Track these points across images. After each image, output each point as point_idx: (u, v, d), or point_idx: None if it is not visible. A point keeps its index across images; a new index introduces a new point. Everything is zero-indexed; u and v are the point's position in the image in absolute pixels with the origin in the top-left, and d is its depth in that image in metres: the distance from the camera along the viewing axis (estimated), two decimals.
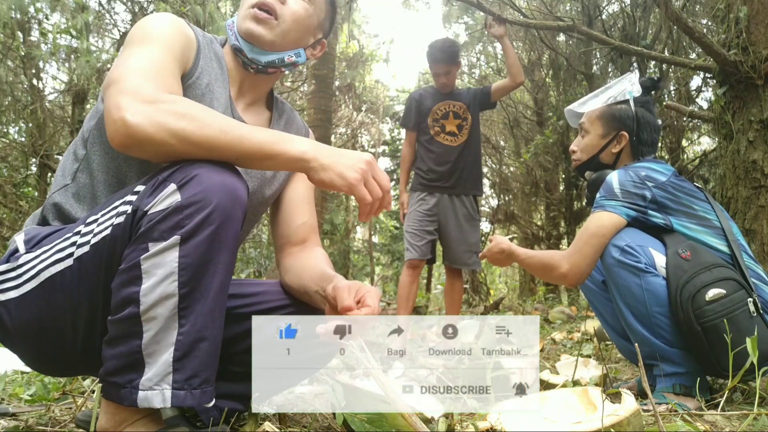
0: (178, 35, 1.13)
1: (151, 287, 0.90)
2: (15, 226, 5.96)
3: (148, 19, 1.14)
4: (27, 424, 1.31)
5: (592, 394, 1.17)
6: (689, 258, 1.54)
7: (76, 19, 4.84)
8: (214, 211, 0.92)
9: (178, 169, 0.94)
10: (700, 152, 6.90)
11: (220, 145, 0.95)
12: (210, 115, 0.96)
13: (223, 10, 6.64)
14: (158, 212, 0.91)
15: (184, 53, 1.14)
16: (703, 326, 1.46)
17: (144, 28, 1.11)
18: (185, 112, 0.94)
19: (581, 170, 1.94)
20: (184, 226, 0.91)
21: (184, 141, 0.93)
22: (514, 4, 5.29)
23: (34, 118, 5.82)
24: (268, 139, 0.97)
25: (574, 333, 3.66)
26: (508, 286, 13.24)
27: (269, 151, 0.97)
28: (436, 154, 3.32)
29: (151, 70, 1.02)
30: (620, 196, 1.65)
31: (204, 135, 0.94)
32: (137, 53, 1.05)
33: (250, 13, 1.22)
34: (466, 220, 3.34)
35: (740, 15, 3.17)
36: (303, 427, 1.32)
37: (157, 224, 0.91)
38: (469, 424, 1.21)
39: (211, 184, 0.93)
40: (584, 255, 1.67)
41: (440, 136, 3.35)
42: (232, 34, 1.26)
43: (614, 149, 1.84)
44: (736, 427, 1.29)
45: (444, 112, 3.37)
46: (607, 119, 1.84)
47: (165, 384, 0.90)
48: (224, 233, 0.94)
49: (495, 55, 8.78)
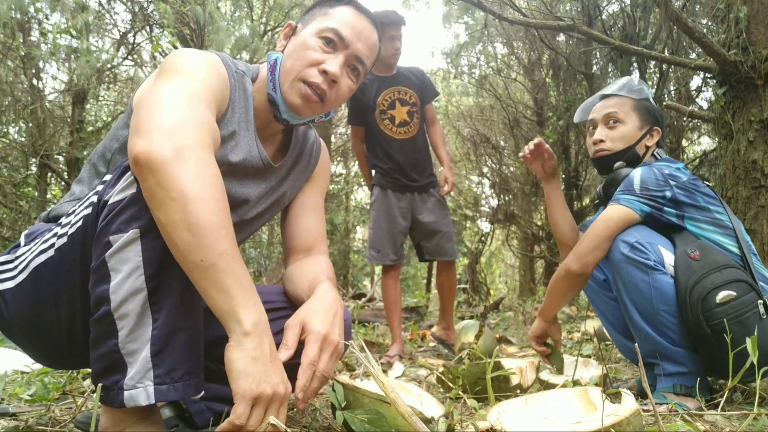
0: (216, 77, 1.08)
1: (118, 284, 0.89)
2: (15, 226, 5.96)
3: (186, 56, 1.08)
4: (27, 424, 1.31)
5: (592, 394, 1.17)
6: (698, 258, 1.53)
7: (76, 19, 4.84)
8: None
9: None
10: (700, 152, 6.90)
11: (200, 243, 0.86)
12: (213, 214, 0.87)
13: (223, 10, 6.64)
14: (116, 203, 0.91)
15: (218, 89, 1.08)
16: (713, 329, 1.45)
17: (182, 64, 1.05)
18: (198, 196, 0.86)
19: (610, 161, 1.84)
20: (140, 218, 0.89)
21: (178, 211, 0.85)
22: (514, 4, 5.29)
23: (34, 118, 5.82)
24: (233, 291, 0.88)
25: (574, 333, 3.66)
26: (508, 286, 13.24)
27: (224, 295, 0.88)
28: (394, 154, 3.08)
29: (194, 102, 0.96)
30: (638, 192, 1.64)
31: (196, 221, 0.85)
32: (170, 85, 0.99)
33: (301, 91, 1.17)
34: (439, 207, 3.15)
35: (740, 15, 3.17)
36: (303, 427, 1.32)
37: (115, 216, 0.90)
38: (469, 424, 1.21)
39: None
40: (587, 243, 1.67)
41: (392, 130, 3.09)
42: (271, 84, 1.21)
43: (648, 143, 1.84)
44: (736, 427, 1.29)
45: (390, 101, 3.09)
46: (644, 112, 1.84)
47: (147, 380, 0.89)
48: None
49: (495, 55, 8.78)
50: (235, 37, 5.93)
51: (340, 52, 1.20)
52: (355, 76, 1.25)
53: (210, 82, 1.05)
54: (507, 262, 14.71)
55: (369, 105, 3.08)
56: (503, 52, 8.73)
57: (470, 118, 8.81)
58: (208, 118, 0.96)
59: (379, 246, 3.10)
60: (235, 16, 6.84)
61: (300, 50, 1.19)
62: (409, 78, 3.16)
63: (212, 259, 0.86)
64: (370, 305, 6.03)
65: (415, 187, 3.13)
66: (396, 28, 3.04)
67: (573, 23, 3.86)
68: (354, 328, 4.05)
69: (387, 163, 3.10)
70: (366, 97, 3.09)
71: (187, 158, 0.86)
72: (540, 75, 7.94)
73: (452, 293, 3.27)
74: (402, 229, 3.11)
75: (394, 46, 3.05)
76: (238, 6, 6.47)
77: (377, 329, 4.33)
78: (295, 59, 1.19)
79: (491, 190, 9.29)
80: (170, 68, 1.03)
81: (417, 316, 5.54)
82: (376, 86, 3.10)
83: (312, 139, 1.42)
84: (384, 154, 3.11)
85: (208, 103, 1.00)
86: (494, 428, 1.09)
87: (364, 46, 1.22)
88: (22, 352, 1.13)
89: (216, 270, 0.86)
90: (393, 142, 3.09)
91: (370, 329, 4.28)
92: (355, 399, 1.17)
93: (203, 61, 1.08)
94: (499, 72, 8.52)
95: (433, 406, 1.27)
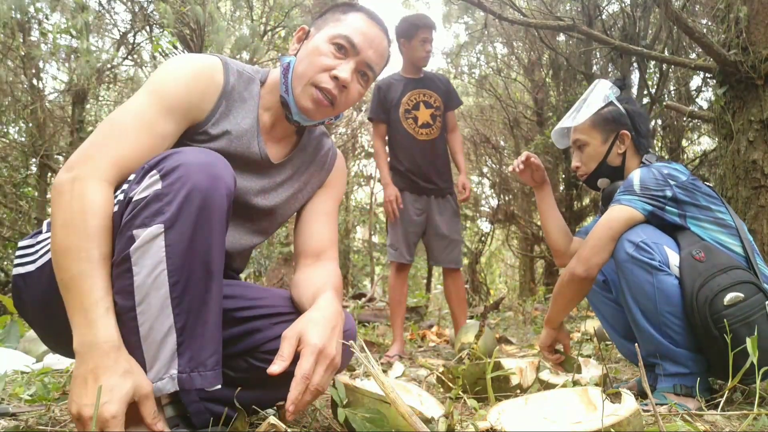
0: (186, 87, 1.13)
1: (142, 279, 0.92)
2: (15, 226, 5.96)
3: (169, 65, 1.15)
4: (27, 424, 1.31)
5: (592, 394, 1.17)
6: (703, 259, 1.52)
7: (76, 19, 4.83)
8: (191, 192, 0.93)
9: (165, 158, 0.97)
10: (700, 152, 6.90)
11: (58, 266, 0.95)
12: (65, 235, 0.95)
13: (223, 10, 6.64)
14: (141, 199, 0.94)
15: (192, 105, 1.14)
16: (721, 331, 1.44)
17: (157, 74, 1.14)
18: (64, 220, 0.95)
19: (591, 181, 1.91)
20: (165, 213, 0.92)
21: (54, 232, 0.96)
22: (514, 4, 5.29)
23: (34, 118, 5.81)
24: (74, 310, 0.93)
25: (574, 333, 3.66)
26: (508, 286, 13.23)
27: (69, 311, 0.94)
28: (413, 152, 3.12)
29: (121, 130, 1.05)
30: (638, 192, 1.64)
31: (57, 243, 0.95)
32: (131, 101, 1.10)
33: (313, 95, 1.21)
34: (453, 215, 3.19)
35: (740, 15, 3.17)
36: (303, 427, 1.32)
37: (140, 211, 0.93)
38: (469, 424, 1.21)
39: (189, 169, 0.95)
40: (592, 246, 1.66)
41: (415, 130, 3.13)
42: (284, 87, 1.24)
43: (619, 150, 1.84)
44: (736, 427, 1.29)
45: (415, 102, 3.13)
46: (602, 124, 1.85)
47: (172, 369, 0.94)
48: (208, 215, 0.95)
49: (495, 55, 8.78)
50: (235, 37, 5.93)
51: (351, 58, 1.23)
52: (365, 81, 1.28)
53: (175, 93, 1.11)
54: (507, 262, 14.70)
55: (394, 103, 3.14)
56: (503, 52, 8.73)
57: (470, 118, 8.81)
58: (122, 148, 1.04)
59: (396, 244, 3.15)
60: (235, 16, 6.84)
61: (312, 55, 1.22)
62: (436, 83, 3.22)
63: (66, 279, 0.94)
64: (370, 305, 6.03)
65: (432, 190, 3.17)
66: (428, 31, 3.11)
67: (573, 23, 3.86)
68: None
69: (405, 164, 3.14)
70: (391, 95, 3.15)
71: (73, 190, 0.97)
72: (540, 75, 7.94)
73: (461, 301, 3.23)
74: (415, 229, 3.15)
75: (425, 48, 3.12)
76: (238, 6, 6.47)
77: (377, 329, 4.33)
78: (308, 64, 1.22)
79: (491, 190, 9.28)
80: (147, 81, 1.14)
81: (417, 316, 5.54)
82: (402, 86, 3.16)
83: (328, 146, 1.44)
84: (404, 154, 3.14)
85: (156, 119, 1.08)
86: (494, 428, 1.09)
87: (374, 54, 1.26)
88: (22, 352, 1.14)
89: (66, 290, 0.94)
90: (414, 142, 3.13)
91: (370, 329, 4.28)
92: (355, 399, 1.17)
93: (181, 71, 1.13)
94: (499, 72, 8.51)
95: (433, 406, 1.27)
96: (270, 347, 1.23)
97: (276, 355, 1.01)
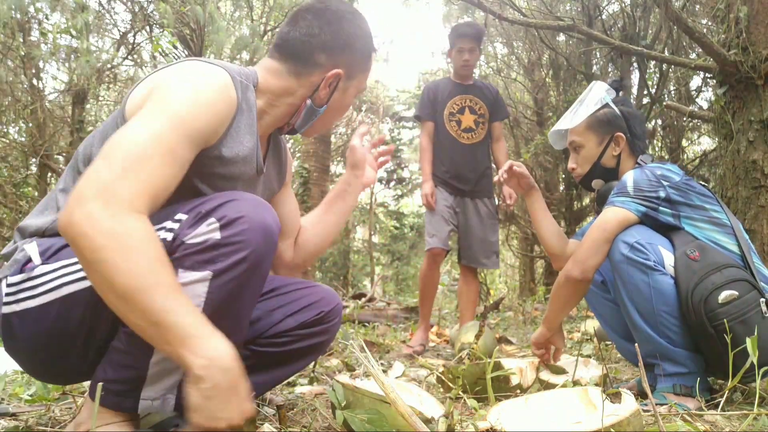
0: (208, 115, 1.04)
1: None
2: (15, 226, 5.96)
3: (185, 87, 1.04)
4: (27, 424, 1.31)
5: (592, 394, 1.17)
6: (698, 258, 1.53)
7: (76, 19, 4.83)
8: (249, 255, 0.96)
9: (223, 205, 0.97)
10: (700, 152, 6.90)
11: (134, 307, 0.86)
12: (148, 270, 0.86)
13: (223, 10, 6.64)
14: (195, 244, 0.95)
15: (212, 131, 1.06)
16: (717, 329, 1.45)
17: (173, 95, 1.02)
18: (124, 258, 0.85)
19: (586, 182, 1.93)
20: (217, 263, 0.94)
21: (101, 277, 0.86)
22: (514, 4, 5.29)
23: (34, 118, 5.81)
24: (175, 342, 0.86)
25: (574, 333, 3.66)
26: (508, 286, 13.23)
27: (169, 347, 0.87)
28: (453, 154, 3.23)
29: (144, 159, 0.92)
30: (632, 193, 1.65)
31: (107, 286, 0.86)
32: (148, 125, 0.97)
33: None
34: (489, 218, 3.28)
35: (740, 15, 3.17)
36: (303, 427, 1.32)
37: (192, 254, 0.94)
38: (469, 424, 1.21)
39: (251, 227, 0.96)
40: (587, 248, 1.67)
41: (457, 133, 3.25)
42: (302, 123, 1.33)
43: (614, 152, 1.86)
44: (736, 427, 1.29)
45: (460, 106, 3.25)
46: (597, 126, 1.86)
47: (170, 395, 0.97)
48: (254, 276, 0.99)
49: (495, 55, 8.78)
50: (235, 37, 5.93)
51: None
52: None
53: (198, 122, 1.01)
54: (507, 262, 14.70)
55: (440, 104, 3.24)
56: (503, 52, 8.73)
57: None
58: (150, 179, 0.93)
59: (433, 231, 3.20)
60: (235, 16, 6.83)
61: (342, 109, 1.35)
62: (483, 92, 3.32)
63: (153, 317, 0.85)
64: (370, 305, 6.03)
65: (468, 192, 3.25)
66: (466, 40, 3.19)
67: (573, 23, 3.86)
68: (354, 329, 4.05)
69: (444, 166, 3.24)
70: (439, 96, 3.26)
71: (118, 227, 0.85)
72: (540, 75, 7.94)
73: (470, 302, 3.28)
74: (450, 220, 3.21)
75: (462, 57, 3.22)
76: (238, 6, 6.47)
77: (377, 329, 4.33)
78: (335, 116, 1.35)
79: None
80: (160, 98, 1.01)
81: (417, 316, 5.54)
82: (449, 89, 3.27)
83: (284, 144, 1.48)
84: (444, 155, 3.24)
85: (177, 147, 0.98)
86: (494, 428, 1.09)
87: None
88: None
89: (157, 326, 0.86)
90: (456, 145, 3.24)
91: (370, 329, 4.28)
92: (355, 399, 1.17)
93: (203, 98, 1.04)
94: (499, 72, 8.51)
95: (433, 406, 1.27)
96: (271, 332, 1.29)
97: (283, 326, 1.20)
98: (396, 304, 6.13)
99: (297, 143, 8.49)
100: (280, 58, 1.25)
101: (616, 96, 1.91)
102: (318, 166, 8.61)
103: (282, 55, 1.25)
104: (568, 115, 1.94)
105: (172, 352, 0.87)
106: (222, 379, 0.87)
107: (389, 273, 13.35)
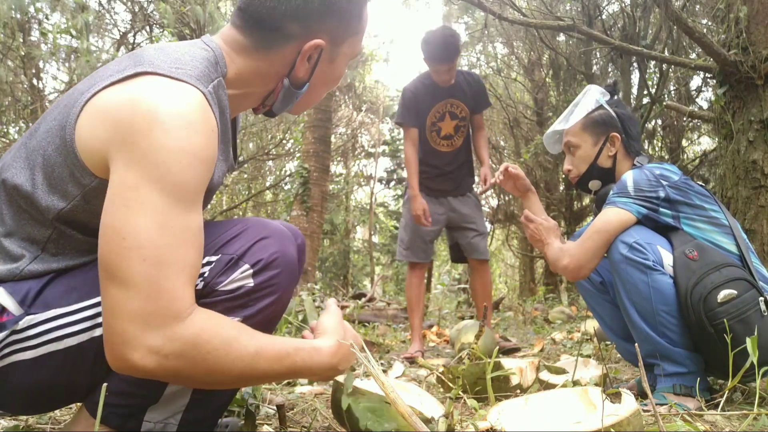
0: (201, 168, 0.85)
1: None
2: None
3: (169, 143, 0.81)
4: (27, 424, 1.31)
5: (592, 394, 1.17)
6: (696, 258, 1.54)
7: (76, 19, 4.83)
8: (280, 296, 0.98)
9: (253, 247, 0.95)
10: (700, 152, 6.90)
11: (238, 383, 0.94)
12: (230, 352, 0.84)
13: (223, 10, 6.64)
14: (228, 291, 0.94)
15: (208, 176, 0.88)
16: (716, 328, 1.45)
17: (160, 160, 0.81)
18: (204, 356, 0.82)
19: (583, 183, 1.93)
20: (248, 308, 0.95)
21: (197, 383, 0.90)
22: (514, 4, 5.29)
23: (34, 118, 5.81)
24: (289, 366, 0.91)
25: (574, 333, 3.66)
26: (508, 286, 13.24)
27: (294, 373, 0.95)
28: (434, 163, 3.16)
29: (164, 258, 0.80)
30: (632, 194, 1.65)
31: (221, 381, 0.88)
32: (147, 212, 0.80)
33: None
34: (476, 209, 3.26)
35: (740, 15, 3.17)
36: (303, 427, 1.32)
37: (225, 301, 0.94)
38: (469, 424, 1.21)
39: (283, 270, 0.97)
40: (586, 249, 1.68)
41: (436, 141, 3.17)
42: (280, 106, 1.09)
43: (610, 152, 1.86)
44: (736, 427, 1.29)
45: (441, 113, 3.15)
46: (593, 127, 1.87)
47: (172, 420, 0.97)
48: (278, 311, 1.01)
49: (495, 55, 8.79)
50: None
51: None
52: None
53: (195, 177, 0.84)
54: (507, 262, 14.71)
55: (422, 114, 3.14)
56: (503, 52, 8.74)
57: None
58: (181, 274, 0.82)
59: (407, 243, 3.17)
60: None
61: (332, 81, 1.09)
62: (464, 88, 3.17)
63: (270, 377, 0.93)
64: (370, 305, 6.03)
65: (450, 192, 3.22)
66: (441, 65, 2.99)
67: (573, 23, 3.86)
68: (354, 329, 4.05)
69: (424, 167, 3.15)
70: (421, 105, 3.13)
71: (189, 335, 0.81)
72: (540, 75, 7.94)
73: (488, 296, 3.24)
74: (431, 230, 3.17)
75: (441, 78, 3.05)
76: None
77: (377, 329, 4.33)
78: (324, 89, 1.10)
79: (491, 190, 9.27)
80: (142, 160, 0.81)
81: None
82: (431, 97, 3.12)
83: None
84: (424, 160, 3.16)
85: (187, 219, 0.83)
86: (494, 428, 1.09)
87: None
88: None
89: (279, 378, 0.96)
90: (435, 153, 3.18)
91: (370, 329, 4.28)
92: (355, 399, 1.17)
93: (189, 148, 0.83)
94: (499, 72, 8.52)
95: (433, 406, 1.27)
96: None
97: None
98: (396, 304, 6.13)
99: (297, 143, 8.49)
100: (243, 28, 0.98)
101: (610, 98, 1.93)
102: (318, 166, 8.61)
103: (245, 22, 0.98)
104: (564, 117, 1.96)
105: (305, 373, 0.96)
106: (342, 358, 0.99)
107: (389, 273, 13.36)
